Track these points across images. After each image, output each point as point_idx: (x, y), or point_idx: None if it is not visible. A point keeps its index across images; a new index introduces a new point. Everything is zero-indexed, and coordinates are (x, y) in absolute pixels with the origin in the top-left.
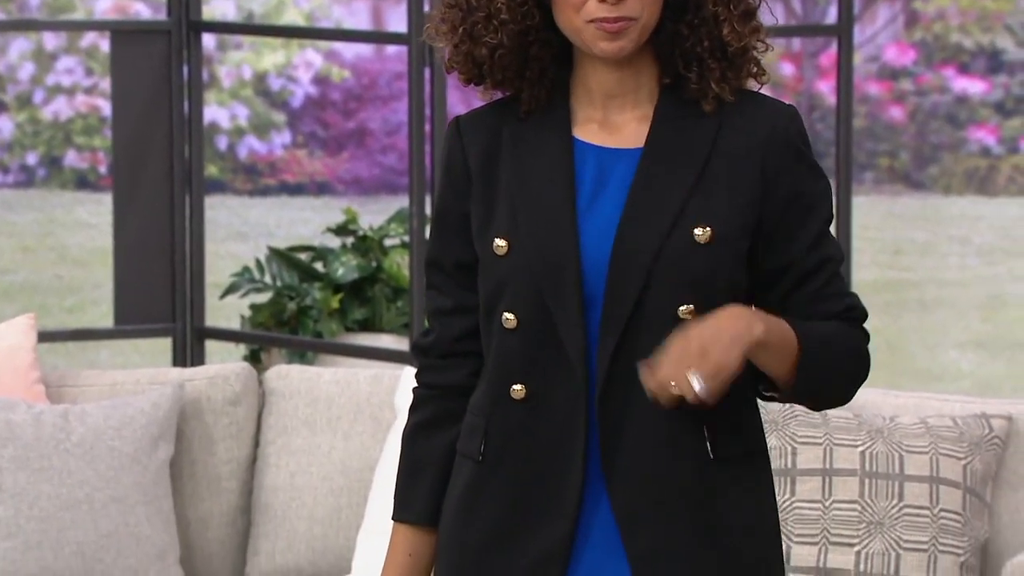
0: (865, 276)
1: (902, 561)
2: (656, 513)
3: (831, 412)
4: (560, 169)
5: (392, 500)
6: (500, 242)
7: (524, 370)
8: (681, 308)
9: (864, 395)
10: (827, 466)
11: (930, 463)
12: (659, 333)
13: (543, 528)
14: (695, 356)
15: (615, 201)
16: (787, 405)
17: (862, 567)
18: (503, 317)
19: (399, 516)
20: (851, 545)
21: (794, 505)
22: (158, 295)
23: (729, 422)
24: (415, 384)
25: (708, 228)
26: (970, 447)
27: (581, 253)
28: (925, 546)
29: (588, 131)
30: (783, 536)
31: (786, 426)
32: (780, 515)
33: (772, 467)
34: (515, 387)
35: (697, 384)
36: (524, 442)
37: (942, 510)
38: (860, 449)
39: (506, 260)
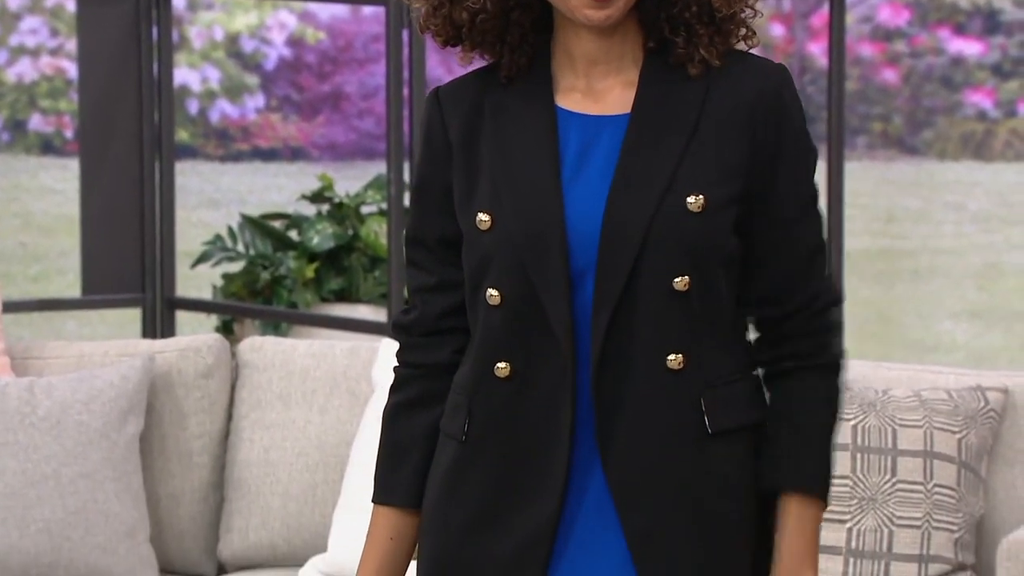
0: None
1: (895, 538)
2: (653, 489)
3: None
4: (543, 140)
5: (372, 481)
6: (483, 216)
7: (508, 347)
8: (676, 280)
9: (856, 368)
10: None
11: (924, 437)
12: (654, 306)
13: (529, 508)
14: None
15: (601, 171)
16: None
17: (854, 544)
18: (487, 293)
19: (380, 499)
20: (842, 522)
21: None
22: (127, 264)
23: (726, 396)
24: (396, 363)
25: (701, 196)
26: (965, 420)
27: (567, 226)
28: (918, 523)
29: (571, 99)
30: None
31: None
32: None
33: None
34: (499, 365)
35: None
36: (509, 421)
37: (936, 485)
38: (852, 423)
39: (490, 235)
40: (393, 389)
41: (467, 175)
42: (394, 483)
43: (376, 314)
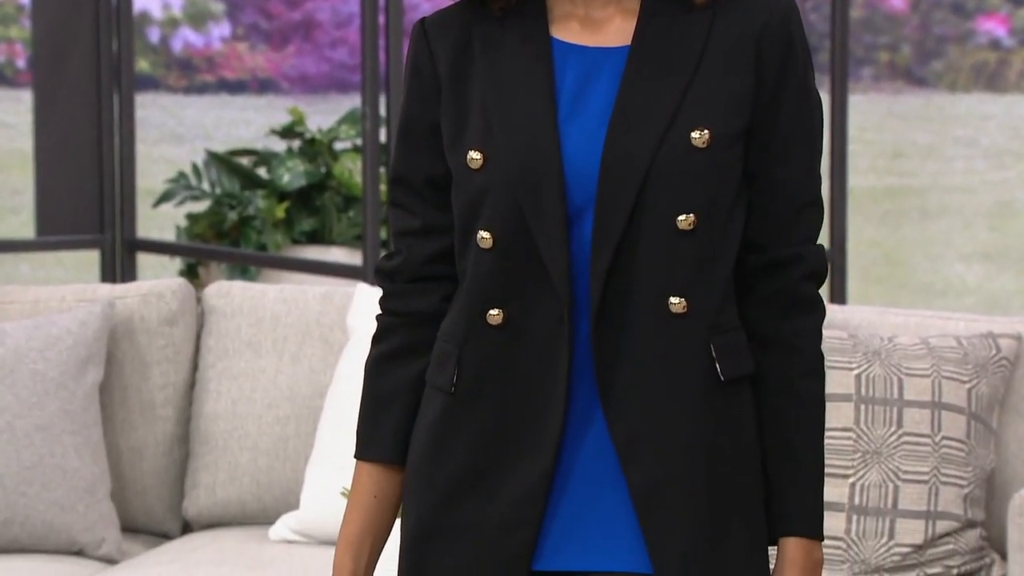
0: (862, 182)
1: (900, 493)
2: (660, 441)
3: (824, 334)
4: (538, 73)
5: (349, 435)
6: (474, 154)
7: (501, 293)
8: (680, 218)
9: (860, 313)
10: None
11: (931, 387)
12: (657, 246)
13: (521, 465)
14: None
15: (601, 105)
16: None
17: (857, 500)
18: (479, 235)
19: (363, 454)
20: (845, 476)
21: None
22: (84, 203)
23: (735, 343)
24: (379, 311)
25: (706, 131)
26: (975, 369)
27: (564, 163)
28: (926, 477)
29: (568, 30)
30: None
31: None
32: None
33: None
34: (491, 312)
35: None
36: (501, 372)
37: (944, 438)
38: (855, 372)
39: (481, 174)
40: (375, 339)
41: (457, 111)
42: (377, 437)
43: (350, 257)
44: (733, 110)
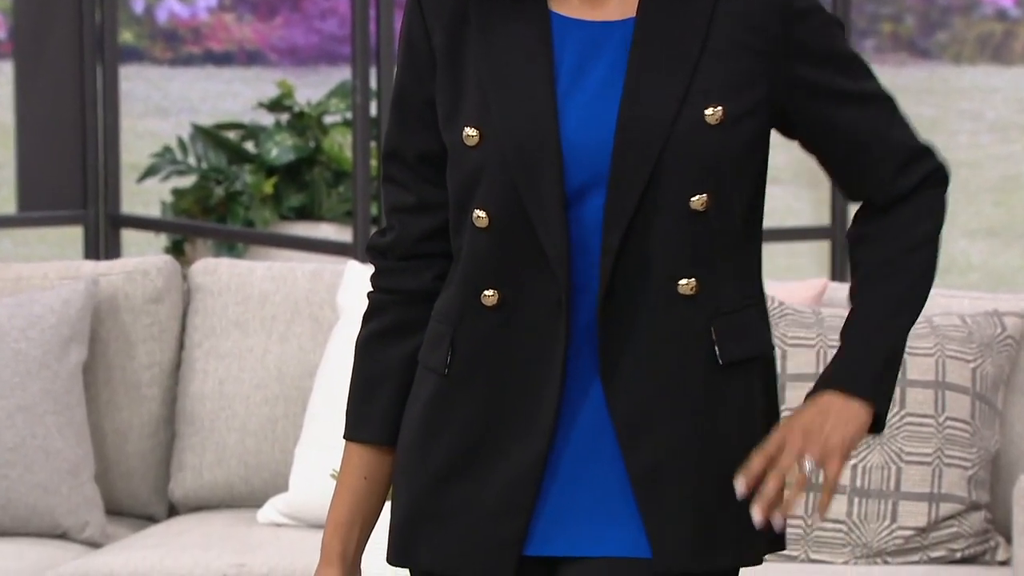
0: None
1: (903, 475)
2: (661, 425)
3: (824, 310)
4: (537, 48)
5: (341, 416)
6: (470, 131)
7: (496, 274)
8: (694, 198)
9: None
10: (821, 371)
11: (935, 367)
12: (669, 226)
13: (514, 450)
14: (801, 441)
15: (603, 82)
16: (775, 301)
17: (859, 482)
18: (474, 214)
19: (353, 435)
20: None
21: (783, 415)
22: (67, 178)
23: (737, 324)
24: (371, 289)
25: (720, 107)
26: (980, 348)
27: (562, 142)
28: (929, 459)
29: (567, 4)
30: None
31: (775, 326)
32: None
33: None
34: (486, 293)
35: (809, 466)
36: (495, 354)
37: (948, 419)
38: None
39: (477, 151)
40: (367, 317)
41: (452, 87)
42: (367, 418)
43: (340, 233)
44: (745, 85)
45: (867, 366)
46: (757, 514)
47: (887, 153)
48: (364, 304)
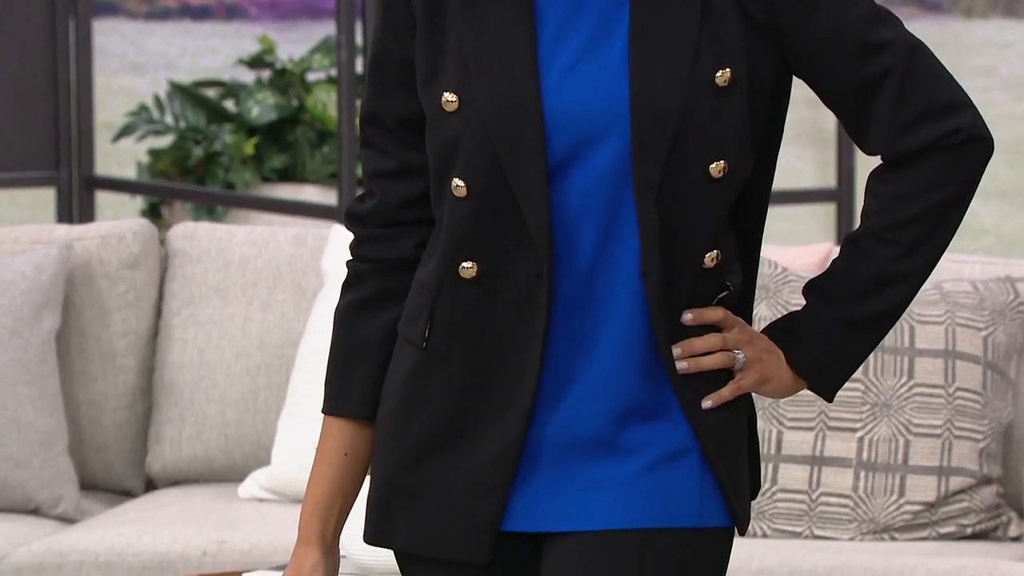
0: None
1: (912, 448)
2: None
3: None
4: (518, 10)
5: (323, 387)
6: (449, 97)
7: (476, 245)
8: (712, 165)
9: None
10: None
11: (945, 335)
12: (693, 196)
13: (492, 428)
14: (728, 358)
15: (589, 44)
16: (777, 268)
17: (865, 455)
18: (453, 184)
19: (331, 409)
20: (853, 430)
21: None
22: (38, 138)
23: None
24: (350, 257)
25: (728, 70)
26: (992, 316)
27: (544, 109)
28: (939, 431)
29: None
30: (773, 420)
31: (777, 293)
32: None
33: None
34: (465, 264)
35: (740, 361)
36: (474, 328)
37: (958, 389)
38: None
39: (456, 117)
40: (346, 286)
41: (432, 49)
42: (347, 391)
43: (325, 196)
44: (752, 45)
45: (820, 358)
46: (677, 348)
47: (896, 105)
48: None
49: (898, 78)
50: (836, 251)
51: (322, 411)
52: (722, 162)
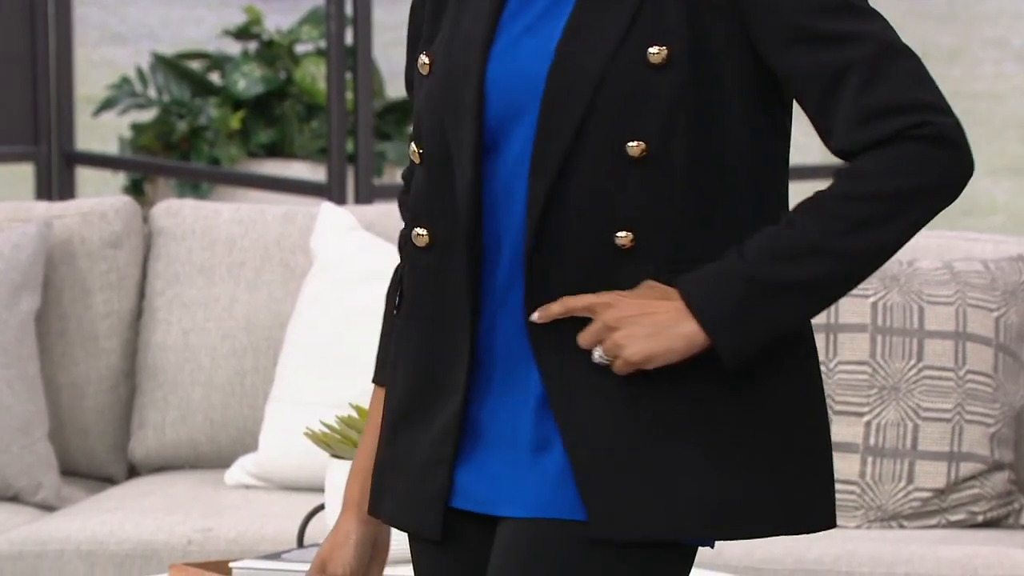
0: None
1: (921, 433)
2: (597, 387)
3: None
4: None
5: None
6: (424, 59)
7: (428, 212)
8: (630, 144)
9: None
10: (831, 320)
11: (955, 316)
12: (603, 174)
13: (442, 400)
14: (605, 329)
15: (544, 13)
16: None
17: (872, 440)
18: (411, 148)
19: (376, 378)
20: (859, 415)
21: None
22: (16, 111)
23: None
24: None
25: (664, 47)
26: (1004, 296)
27: (486, 77)
28: (949, 415)
29: None
30: None
31: None
32: None
33: None
34: (417, 231)
35: (598, 359)
36: (428, 297)
37: (969, 372)
38: (871, 300)
39: (426, 81)
40: (399, 263)
41: (433, 14)
42: (383, 360)
43: (313, 172)
44: (699, 24)
45: (720, 305)
46: (535, 313)
47: (852, 102)
48: (338, 249)
49: (865, 72)
50: None
51: (371, 380)
52: (642, 142)
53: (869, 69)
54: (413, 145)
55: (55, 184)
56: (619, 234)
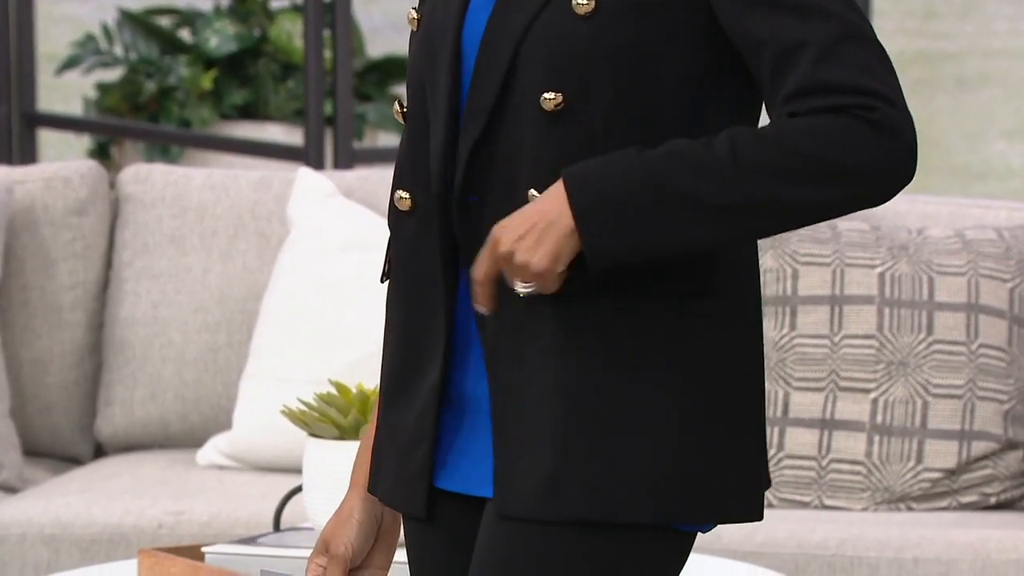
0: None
1: (931, 410)
2: (519, 350)
3: (841, 224)
4: None
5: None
6: (413, 13)
7: (409, 175)
8: (547, 95)
9: None
10: (836, 292)
11: (967, 287)
12: (521, 129)
13: (423, 373)
14: (502, 260)
15: None
16: None
17: (879, 418)
18: (394, 108)
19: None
20: (866, 391)
21: (795, 342)
22: None
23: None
24: None
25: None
26: (1018, 266)
27: (463, 31)
28: (960, 391)
29: None
30: (780, 381)
31: (785, 241)
32: (778, 353)
33: (766, 293)
34: (400, 194)
35: (522, 290)
36: (411, 263)
37: (982, 346)
38: (878, 270)
39: (415, 37)
40: None
41: None
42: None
43: (290, 135)
44: None
45: (608, 182)
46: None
47: (801, 75)
48: (316, 217)
49: (823, 50)
50: None
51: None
52: (560, 94)
53: (828, 48)
54: (396, 105)
55: (15, 147)
56: (532, 192)
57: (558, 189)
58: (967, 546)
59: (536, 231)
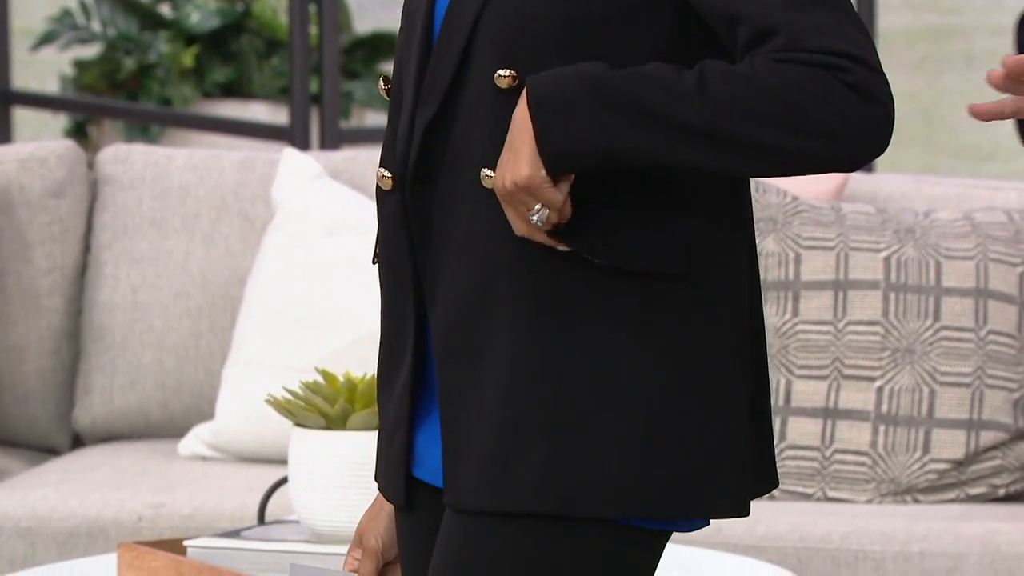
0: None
1: (937, 399)
2: (470, 338)
3: (846, 206)
4: None
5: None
6: None
7: (390, 153)
8: (500, 73)
9: (890, 183)
10: (840, 277)
11: (976, 271)
12: (475, 106)
13: (401, 355)
14: (507, 200)
15: None
16: (787, 196)
17: (885, 407)
18: (379, 84)
19: None
20: (871, 379)
21: (797, 328)
22: None
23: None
24: None
25: None
26: None
27: (435, 7)
28: (968, 379)
29: None
30: (782, 368)
31: (787, 225)
32: (780, 340)
33: (768, 278)
34: (382, 172)
35: (538, 222)
36: (393, 244)
37: (991, 332)
38: (884, 254)
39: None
40: None
41: None
42: None
43: (274, 114)
44: None
45: (569, 86)
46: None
47: (768, 44)
48: (302, 199)
49: (796, 25)
50: (853, 177)
51: None
52: (513, 71)
53: (803, 17)
54: (380, 82)
55: None
56: (486, 172)
57: (522, 97)
58: (975, 539)
59: (512, 149)
